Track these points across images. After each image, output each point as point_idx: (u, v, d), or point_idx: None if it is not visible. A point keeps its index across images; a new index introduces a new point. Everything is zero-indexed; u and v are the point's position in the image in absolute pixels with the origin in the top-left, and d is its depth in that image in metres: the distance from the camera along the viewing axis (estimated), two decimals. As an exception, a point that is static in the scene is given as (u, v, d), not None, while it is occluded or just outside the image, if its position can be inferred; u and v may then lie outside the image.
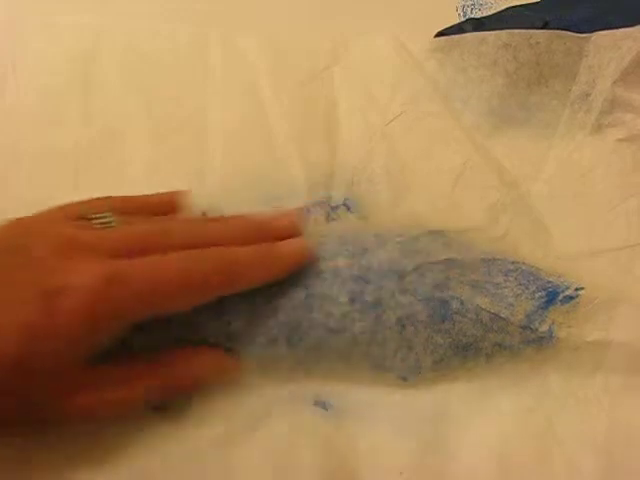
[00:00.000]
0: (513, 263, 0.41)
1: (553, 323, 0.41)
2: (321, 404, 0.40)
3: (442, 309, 0.40)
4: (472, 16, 0.52)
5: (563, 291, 0.41)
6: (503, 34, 0.46)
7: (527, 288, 0.41)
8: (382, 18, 0.48)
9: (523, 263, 0.41)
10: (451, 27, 0.50)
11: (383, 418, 0.40)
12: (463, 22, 0.51)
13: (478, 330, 0.40)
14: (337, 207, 0.42)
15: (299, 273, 0.40)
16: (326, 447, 0.39)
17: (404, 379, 0.40)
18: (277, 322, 0.39)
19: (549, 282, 0.41)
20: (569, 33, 0.46)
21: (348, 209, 0.42)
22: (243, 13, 0.45)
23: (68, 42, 0.44)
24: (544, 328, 0.41)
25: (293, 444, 0.39)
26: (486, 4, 0.54)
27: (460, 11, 0.52)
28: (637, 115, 0.43)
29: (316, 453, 0.39)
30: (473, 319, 0.40)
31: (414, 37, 0.46)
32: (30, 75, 0.43)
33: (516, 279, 0.41)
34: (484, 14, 0.53)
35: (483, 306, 0.40)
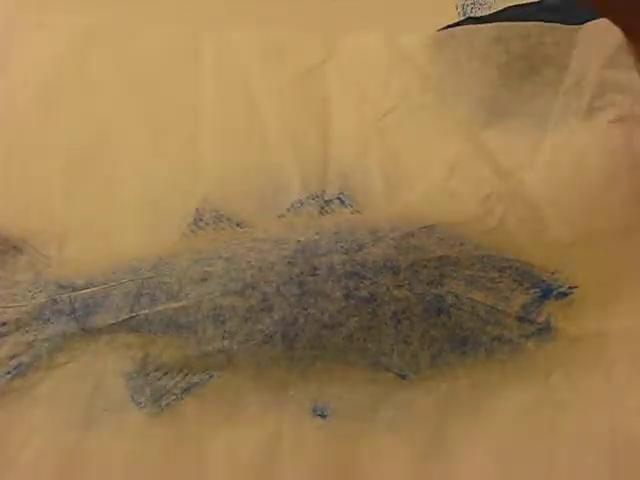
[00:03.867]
0: (507, 260, 0.41)
1: (550, 315, 0.40)
2: (319, 411, 0.39)
3: (437, 303, 0.39)
4: (471, 15, 0.52)
5: (557, 288, 0.41)
6: (494, 27, 0.46)
7: (521, 284, 0.41)
8: (382, 17, 0.47)
9: (517, 260, 0.41)
10: (450, 26, 0.50)
11: (383, 422, 0.39)
12: (462, 21, 0.51)
13: (475, 323, 0.40)
14: (331, 201, 0.41)
15: (294, 270, 0.39)
16: (326, 456, 0.39)
17: (403, 377, 0.39)
18: (272, 320, 0.39)
19: (543, 280, 0.41)
20: (559, 25, 0.46)
21: (342, 203, 0.41)
22: (236, 11, 0.45)
23: (61, 42, 0.43)
24: (541, 319, 0.40)
25: (293, 454, 0.39)
26: (486, 3, 0.53)
27: (460, 10, 0.52)
28: (626, 95, 0.43)
29: (316, 462, 0.39)
30: (469, 312, 0.40)
31: (411, 34, 0.46)
32: (22, 75, 0.43)
33: (510, 276, 0.41)
34: (483, 13, 0.53)
35: (479, 299, 0.40)
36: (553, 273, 0.41)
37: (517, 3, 0.55)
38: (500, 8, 0.56)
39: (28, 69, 0.43)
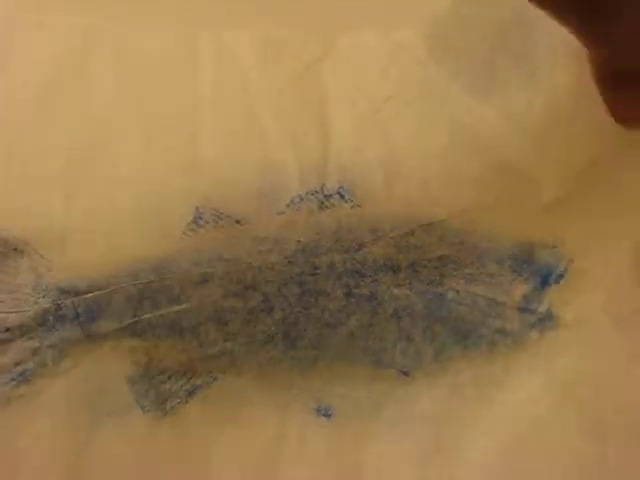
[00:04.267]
0: (506, 250, 0.40)
1: (551, 303, 0.40)
2: (323, 410, 0.39)
3: (438, 300, 0.39)
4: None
5: (555, 270, 0.41)
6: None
7: (520, 275, 0.40)
8: (379, 15, 0.47)
9: (517, 246, 0.41)
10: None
11: (387, 419, 0.39)
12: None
13: (476, 316, 0.40)
14: (331, 195, 0.41)
15: (294, 270, 0.39)
16: (331, 455, 0.39)
17: (406, 374, 0.39)
18: (273, 320, 0.39)
19: (541, 267, 0.41)
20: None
21: (342, 197, 0.41)
22: (233, 11, 0.45)
23: (61, 42, 0.43)
24: (543, 308, 0.40)
25: (297, 454, 0.39)
26: (484, 2, 0.53)
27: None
28: None
29: (320, 462, 0.39)
30: (470, 305, 0.40)
31: (409, 29, 0.45)
32: (22, 75, 0.43)
33: (510, 267, 0.40)
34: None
35: (479, 293, 0.40)
36: (554, 247, 0.41)
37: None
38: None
39: (28, 69, 0.43)
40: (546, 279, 0.41)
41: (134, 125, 0.42)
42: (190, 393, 0.39)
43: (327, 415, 0.39)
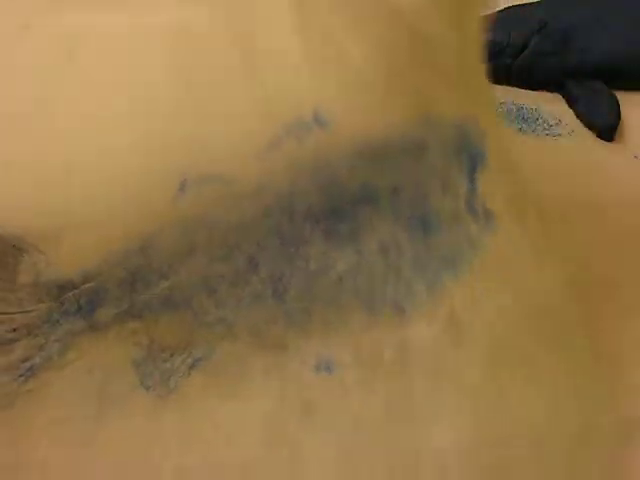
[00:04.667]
0: (449, 135, 0.38)
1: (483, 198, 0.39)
2: (324, 364, 0.37)
3: (422, 225, 0.37)
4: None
5: (481, 154, 0.39)
6: None
7: (459, 164, 0.39)
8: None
9: (455, 125, 0.39)
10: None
11: (387, 365, 0.37)
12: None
13: (455, 234, 0.37)
14: (309, 124, 0.38)
15: (271, 222, 0.38)
16: (337, 409, 0.37)
17: (402, 310, 0.37)
18: (259, 277, 0.38)
19: (472, 151, 0.39)
20: None
21: (320, 125, 0.38)
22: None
23: (49, 43, 0.43)
24: (481, 206, 0.39)
25: (302, 413, 0.37)
26: (490, 1, 0.54)
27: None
28: None
29: (326, 418, 0.37)
30: (448, 223, 0.37)
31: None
32: (19, 74, 0.43)
33: (452, 156, 0.39)
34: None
35: (444, 206, 0.38)
36: (476, 123, 0.39)
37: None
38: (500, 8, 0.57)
39: (22, 71, 0.43)
40: (476, 163, 0.38)
41: (130, 125, 0.42)
42: (191, 366, 0.38)
43: (328, 369, 0.37)
